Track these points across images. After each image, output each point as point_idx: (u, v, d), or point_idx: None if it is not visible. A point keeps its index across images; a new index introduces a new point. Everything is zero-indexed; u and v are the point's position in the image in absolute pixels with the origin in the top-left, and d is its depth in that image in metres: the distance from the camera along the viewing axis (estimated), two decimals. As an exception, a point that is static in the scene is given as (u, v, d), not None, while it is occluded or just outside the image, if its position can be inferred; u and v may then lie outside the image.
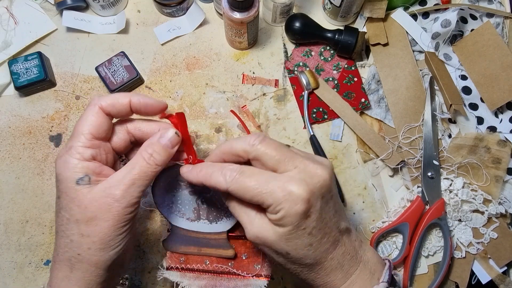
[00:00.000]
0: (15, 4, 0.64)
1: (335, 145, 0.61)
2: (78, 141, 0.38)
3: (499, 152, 0.58)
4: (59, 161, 0.38)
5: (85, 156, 0.38)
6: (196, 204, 0.49)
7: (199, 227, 0.48)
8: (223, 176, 0.37)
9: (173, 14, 0.64)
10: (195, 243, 0.48)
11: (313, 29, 0.62)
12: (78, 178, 0.37)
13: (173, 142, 0.41)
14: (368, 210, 0.59)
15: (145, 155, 0.39)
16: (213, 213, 0.48)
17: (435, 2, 0.65)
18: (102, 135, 0.40)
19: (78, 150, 0.38)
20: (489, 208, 0.57)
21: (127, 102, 0.40)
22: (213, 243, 0.48)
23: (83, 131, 0.39)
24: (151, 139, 0.40)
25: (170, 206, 0.49)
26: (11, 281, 0.55)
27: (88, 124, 0.39)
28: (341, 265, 0.39)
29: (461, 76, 0.62)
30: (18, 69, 0.59)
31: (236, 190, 0.36)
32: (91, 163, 0.38)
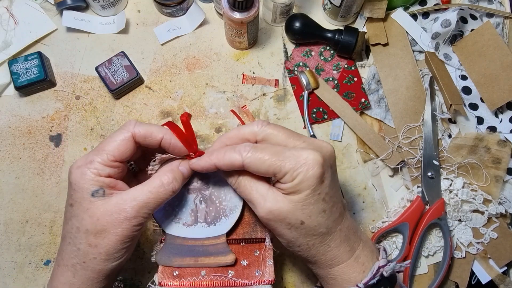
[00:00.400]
0: (15, 4, 0.64)
1: (335, 145, 0.61)
2: (99, 158, 0.39)
3: (499, 152, 0.58)
4: (76, 171, 0.39)
5: (101, 174, 0.39)
6: (194, 205, 0.47)
7: (197, 233, 0.46)
8: (237, 153, 0.38)
9: (173, 14, 0.64)
10: (191, 253, 0.46)
11: (313, 29, 0.62)
12: (93, 190, 0.39)
13: (189, 170, 0.43)
14: (368, 210, 0.59)
15: (166, 180, 0.40)
16: (212, 213, 0.46)
17: (435, 2, 0.65)
18: (124, 159, 0.41)
19: (97, 166, 0.39)
20: (489, 208, 0.57)
21: (159, 138, 0.41)
22: (211, 250, 0.45)
23: (108, 150, 0.40)
24: (172, 165, 0.42)
25: (166, 210, 0.47)
26: (11, 281, 0.55)
27: (115, 146, 0.40)
28: (348, 238, 0.41)
29: (461, 76, 0.62)
30: (18, 69, 0.59)
31: (252, 163, 0.38)
32: (106, 179, 0.40)
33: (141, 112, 0.61)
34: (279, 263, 0.56)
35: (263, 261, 0.46)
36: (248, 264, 0.46)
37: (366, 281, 0.39)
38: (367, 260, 0.41)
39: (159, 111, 0.61)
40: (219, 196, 0.47)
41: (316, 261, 0.41)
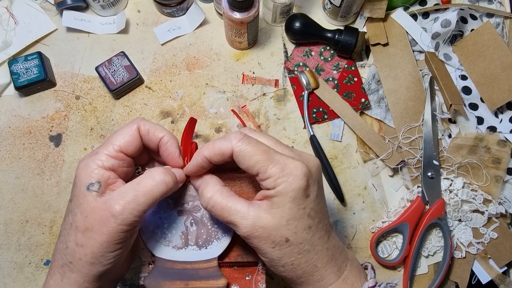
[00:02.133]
0: (15, 4, 0.64)
1: (335, 145, 0.61)
2: (105, 149, 0.39)
3: (499, 152, 0.58)
4: (81, 163, 0.38)
5: (105, 165, 0.38)
6: (184, 227, 0.45)
7: (187, 256, 0.44)
8: (228, 141, 0.36)
9: (173, 14, 0.64)
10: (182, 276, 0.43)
11: (313, 29, 0.62)
12: (89, 183, 0.37)
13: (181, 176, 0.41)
14: (368, 210, 0.59)
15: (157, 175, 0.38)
16: (203, 236, 0.44)
17: (435, 2, 0.65)
18: (129, 152, 0.40)
19: (102, 157, 0.38)
20: (489, 208, 0.57)
21: (160, 137, 0.41)
22: (202, 274, 0.44)
23: (114, 141, 0.39)
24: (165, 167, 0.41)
25: (155, 233, 0.45)
26: (11, 281, 0.55)
27: (121, 137, 0.39)
28: (335, 257, 0.39)
29: (461, 76, 0.62)
30: (18, 69, 0.59)
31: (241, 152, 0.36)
32: (107, 172, 0.38)
33: (141, 112, 0.61)
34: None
35: (255, 286, 0.45)
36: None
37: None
38: (356, 281, 0.39)
39: (159, 111, 0.61)
40: (210, 218, 0.45)
41: (303, 282, 0.39)
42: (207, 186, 0.39)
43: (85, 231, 0.36)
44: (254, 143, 0.36)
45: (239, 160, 0.36)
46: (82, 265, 0.37)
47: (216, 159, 0.38)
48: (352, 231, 0.58)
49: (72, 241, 0.37)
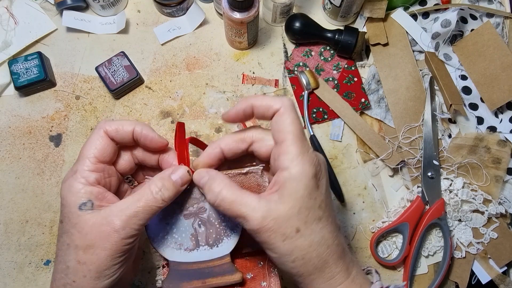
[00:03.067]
0: (15, 4, 0.64)
1: (335, 145, 0.61)
2: (83, 165, 0.38)
3: (499, 152, 0.58)
4: (64, 185, 0.38)
5: (89, 180, 0.38)
6: (193, 229, 0.45)
7: (199, 256, 0.45)
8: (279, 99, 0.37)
9: (173, 14, 0.64)
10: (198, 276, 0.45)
11: (313, 29, 0.62)
12: (81, 203, 0.37)
13: (183, 180, 0.40)
14: (368, 210, 0.59)
15: (154, 188, 0.38)
16: (213, 235, 0.45)
17: (435, 2, 0.65)
18: (106, 159, 0.40)
19: (83, 174, 0.38)
20: (489, 208, 0.57)
21: (130, 130, 0.40)
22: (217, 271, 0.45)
23: (88, 154, 0.39)
24: (163, 174, 0.40)
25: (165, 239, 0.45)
26: (11, 281, 0.55)
27: (93, 147, 0.39)
28: (344, 256, 0.38)
29: (461, 76, 0.62)
30: (18, 69, 0.59)
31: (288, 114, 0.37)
32: (95, 188, 0.38)
33: (141, 112, 0.61)
34: (279, 263, 0.56)
35: (268, 271, 0.46)
36: (253, 277, 0.46)
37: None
38: (364, 282, 0.39)
39: (159, 111, 0.61)
40: (218, 217, 0.45)
41: (313, 280, 0.37)
42: (215, 181, 0.38)
43: (86, 248, 0.36)
44: (298, 117, 0.37)
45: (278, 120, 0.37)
46: (87, 281, 0.37)
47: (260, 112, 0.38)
48: (352, 231, 0.58)
49: (73, 260, 0.37)
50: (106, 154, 0.40)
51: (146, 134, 0.41)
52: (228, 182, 0.38)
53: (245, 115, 0.39)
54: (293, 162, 0.35)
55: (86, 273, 0.37)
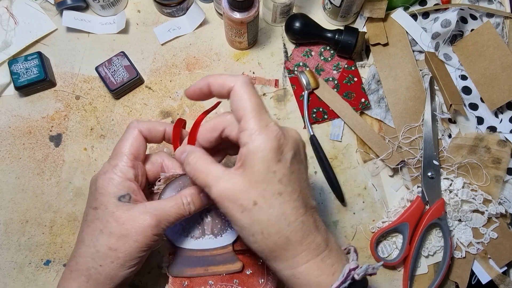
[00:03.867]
0: (15, 4, 0.64)
1: (335, 145, 0.61)
2: (122, 161, 0.42)
3: (499, 152, 0.58)
4: (103, 176, 0.41)
5: (128, 176, 0.41)
6: (200, 219, 0.49)
7: (205, 244, 0.49)
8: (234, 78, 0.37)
9: (173, 14, 0.64)
10: (201, 263, 0.48)
11: (313, 29, 0.62)
12: (120, 195, 0.40)
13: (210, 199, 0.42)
14: (368, 210, 0.59)
15: (185, 201, 0.42)
16: (218, 225, 0.49)
17: (435, 2, 0.65)
18: (140, 156, 0.43)
19: (123, 169, 0.41)
20: (489, 208, 0.57)
21: (162, 130, 0.44)
22: (219, 259, 0.48)
23: (125, 151, 0.42)
24: (194, 190, 0.43)
25: (176, 225, 0.49)
26: (11, 281, 0.55)
27: (129, 145, 0.42)
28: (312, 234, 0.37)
29: (461, 76, 0.62)
30: (18, 69, 0.59)
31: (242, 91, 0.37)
32: (132, 184, 0.41)
33: (141, 112, 0.61)
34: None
35: (267, 270, 0.48)
36: (252, 273, 0.48)
37: (337, 285, 0.36)
38: (336, 262, 0.38)
39: (159, 111, 0.61)
40: None
41: (277, 257, 0.37)
42: (191, 155, 0.40)
43: (120, 237, 0.39)
44: (254, 93, 0.37)
45: (234, 99, 0.37)
46: (113, 267, 0.40)
47: (216, 89, 0.39)
48: (352, 231, 0.58)
49: (104, 246, 0.39)
50: (140, 152, 0.43)
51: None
52: (202, 155, 0.39)
53: (203, 93, 0.40)
54: (251, 137, 0.35)
55: (115, 259, 0.39)
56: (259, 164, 0.35)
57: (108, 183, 0.41)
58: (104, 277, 0.40)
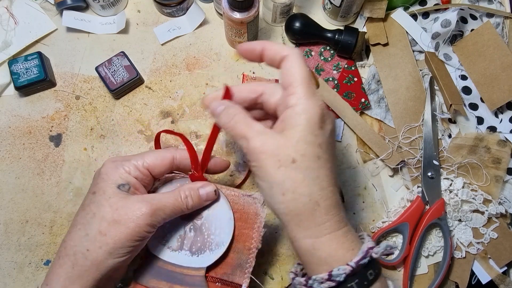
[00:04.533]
0: (15, 4, 0.64)
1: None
2: (136, 161, 0.43)
3: (499, 152, 0.58)
4: (111, 163, 0.42)
5: (132, 173, 0.42)
6: (183, 232, 0.47)
7: (179, 259, 0.46)
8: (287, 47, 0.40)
9: (173, 14, 0.64)
10: (168, 278, 0.45)
11: (313, 29, 0.62)
12: (120, 183, 0.41)
13: (208, 196, 0.44)
14: (368, 210, 0.59)
15: (183, 194, 0.43)
16: (198, 243, 0.46)
17: (435, 2, 0.65)
18: (154, 173, 0.44)
19: (131, 167, 0.42)
20: (489, 208, 0.57)
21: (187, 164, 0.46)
22: (187, 281, 0.45)
23: (146, 159, 0.43)
24: (193, 185, 0.44)
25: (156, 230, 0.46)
26: (11, 281, 0.55)
27: (154, 159, 0.43)
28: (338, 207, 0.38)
29: (461, 76, 0.62)
30: (18, 69, 0.59)
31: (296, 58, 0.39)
32: (134, 180, 0.42)
33: (141, 112, 0.61)
34: (279, 262, 0.56)
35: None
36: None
37: (358, 260, 0.35)
38: (355, 239, 0.38)
39: (159, 111, 0.61)
40: (209, 228, 0.46)
41: (301, 221, 0.36)
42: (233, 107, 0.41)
43: (112, 222, 0.39)
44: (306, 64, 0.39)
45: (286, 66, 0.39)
46: (101, 253, 0.39)
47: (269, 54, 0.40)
48: (352, 231, 0.58)
49: (95, 230, 0.39)
50: (156, 170, 0.44)
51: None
52: (243, 110, 0.40)
53: (254, 54, 0.41)
54: (298, 100, 0.37)
55: (103, 245, 0.39)
56: (304, 125, 0.36)
57: (113, 170, 0.41)
58: (90, 263, 0.39)
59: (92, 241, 0.39)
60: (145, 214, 0.40)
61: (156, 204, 0.40)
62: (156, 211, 0.40)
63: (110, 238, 0.39)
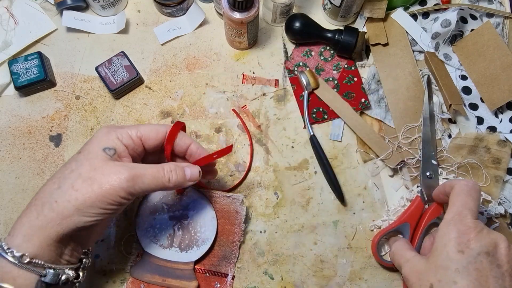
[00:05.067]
0: (15, 4, 0.64)
1: (335, 145, 0.61)
2: (130, 130, 0.43)
3: (499, 152, 0.58)
4: (105, 129, 0.42)
5: (123, 141, 0.42)
6: (172, 230, 0.53)
7: (170, 255, 0.52)
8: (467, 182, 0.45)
9: (173, 14, 0.64)
10: (161, 272, 0.52)
11: (313, 29, 0.62)
12: (106, 146, 0.41)
13: (193, 176, 0.45)
14: (368, 210, 0.59)
15: (166, 168, 0.43)
16: (186, 241, 0.53)
17: (435, 2, 0.65)
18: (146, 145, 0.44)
19: (124, 134, 0.42)
20: (488, 209, 0.57)
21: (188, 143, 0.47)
22: (178, 274, 0.52)
23: (140, 129, 0.44)
24: (179, 163, 0.45)
25: (148, 230, 0.53)
26: (11, 281, 0.55)
27: (148, 130, 0.44)
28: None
29: (461, 76, 0.62)
30: (18, 69, 0.59)
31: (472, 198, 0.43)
32: (122, 147, 0.42)
33: (141, 112, 0.61)
34: (278, 262, 0.56)
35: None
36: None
37: None
38: None
39: (159, 111, 0.61)
40: (195, 227, 0.53)
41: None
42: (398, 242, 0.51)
43: (86, 179, 0.39)
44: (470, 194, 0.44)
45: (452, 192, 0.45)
46: (68, 207, 0.38)
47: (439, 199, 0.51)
48: (352, 231, 0.58)
49: (68, 184, 0.39)
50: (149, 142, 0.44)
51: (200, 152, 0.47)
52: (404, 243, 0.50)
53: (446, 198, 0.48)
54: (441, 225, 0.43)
55: (72, 199, 0.38)
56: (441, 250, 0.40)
57: (104, 135, 0.42)
58: (56, 215, 0.38)
59: (62, 194, 0.38)
60: (123, 179, 0.39)
61: (135, 171, 0.40)
62: (135, 177, 0.39)
63: (80, 194, 0.38)
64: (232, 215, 0.54)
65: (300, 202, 0.58)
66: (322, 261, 0.56)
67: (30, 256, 0.37)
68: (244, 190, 0.58)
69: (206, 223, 0.53)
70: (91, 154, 0.40)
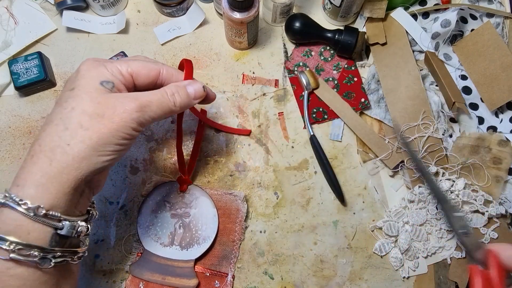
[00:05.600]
0: (15, 4, 0.64)
1: (335, 145, 0.61)
2: (120, 65, 0.39)
3: (500, 152, 0.58)
4: (92, 61, 0.38)
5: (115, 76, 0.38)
6: (173, 229, 0.53)
7: (170, 254, 0.52)
8: None
9: (173, 14, 0.64)
10: (161, 270, 0.51)
11: (313, 29, 0.62)
12: (103, 80, 0.37)
13: (197, 94, 0.41)
14: (368, 210, 0.59)
15: (169, 91, 0.39)
16: (187, 239, 0.53)
17: (435, 2, 0.65)
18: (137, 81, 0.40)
19: (114, 69, 0.38)
20: (489, 209, 0.57)
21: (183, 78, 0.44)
22: (178, 272, 0.51)
23: (131, 65, 0.40)
24: (178, 83, 0.41)
25: (149, 228, 0.53)
26: (11, 281, 0.55)
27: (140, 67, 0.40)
28: None
29: (461, 76, 0.62)
30: (18, 69, 0.59)
31: None
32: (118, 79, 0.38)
33: (141, 112, 0.61)
34: (278, 262, 0.56)
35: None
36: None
37: None
38: None
39: (159, 111, 0.61)
40: (196, 225, 0.53)
41: None
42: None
43: (94, 116, 0.35)
44: None
45: None
46: (84, 148, 0.34)
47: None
48: (352, 231, 0.58)
49: (75, 123, 0.35)
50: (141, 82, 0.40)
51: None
52: None
53: None
54: None
55: (86, 139, 0.35)
56: None
57: (94, 68, 0.37)
58: (72, 158, 0.34)
59: (73, 135, 0.34)
60: (132, 109, 0.36)
61: (142, 100, 0.37)
62: (143, 107, 0.37)
63: (93, 132, 0.34)
64: (233, 213, 0.55)
65: (300, 202, 0.58)
66: (322, 261, 0.56)
67: (46, 207, 0.34)
68: (244, 190, 0.58)
69: (208, 221, 0.53)
70: (87, 88, 0.36)
